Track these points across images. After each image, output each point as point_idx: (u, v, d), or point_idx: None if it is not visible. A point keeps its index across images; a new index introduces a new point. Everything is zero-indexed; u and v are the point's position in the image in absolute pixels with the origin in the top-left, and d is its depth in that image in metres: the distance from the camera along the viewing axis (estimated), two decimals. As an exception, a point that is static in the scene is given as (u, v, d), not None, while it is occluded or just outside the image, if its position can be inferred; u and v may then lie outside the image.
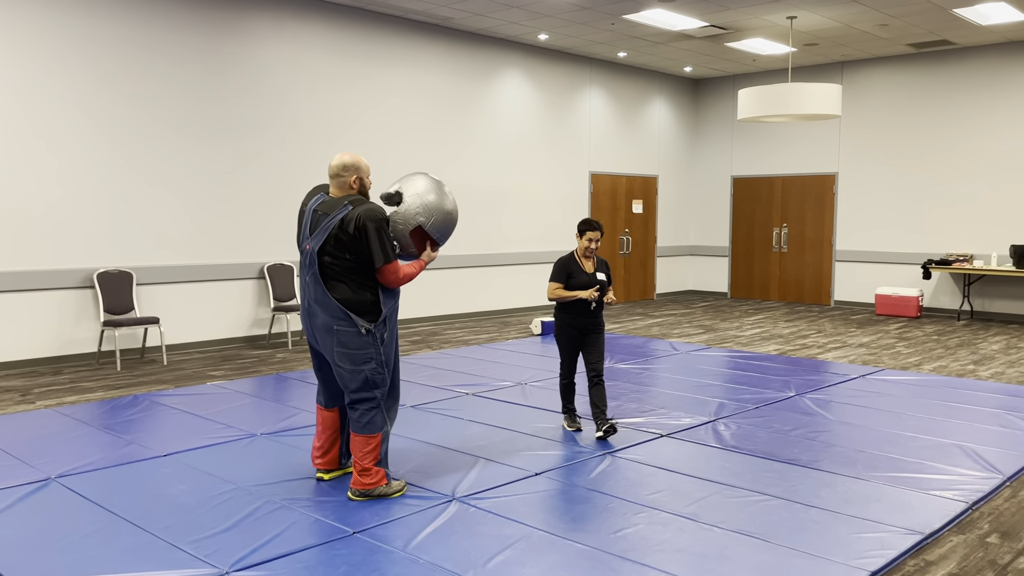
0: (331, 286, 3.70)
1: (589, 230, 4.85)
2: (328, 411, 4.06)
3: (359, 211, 3.64)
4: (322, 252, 3.68)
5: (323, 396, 4.05)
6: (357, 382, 3.75)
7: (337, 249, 3.65)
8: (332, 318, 3.70)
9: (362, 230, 3.61)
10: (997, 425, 5.23)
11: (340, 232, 3.63)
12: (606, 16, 9.27)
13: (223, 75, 8.08)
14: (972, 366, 7.42)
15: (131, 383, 6.52)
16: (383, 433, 3.85)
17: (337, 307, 3.68)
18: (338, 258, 3.67)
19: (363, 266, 3.70)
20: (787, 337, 9.11)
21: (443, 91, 9.97)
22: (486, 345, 8.29)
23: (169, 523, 3.53)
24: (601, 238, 4.94)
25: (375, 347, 3.75)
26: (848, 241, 12.00)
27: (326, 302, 3.70)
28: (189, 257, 7.94)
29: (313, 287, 3.74)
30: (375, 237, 3.62)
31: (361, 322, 3.69)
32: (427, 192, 3.79)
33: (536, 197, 11.18)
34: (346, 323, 3.69)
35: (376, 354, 3.76)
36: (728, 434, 4.97)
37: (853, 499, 3.86)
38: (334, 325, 3.70)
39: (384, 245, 3.64)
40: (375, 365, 3.76)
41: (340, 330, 3.70)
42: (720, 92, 13.29)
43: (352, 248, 3.64)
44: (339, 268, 3.68)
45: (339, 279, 3.69)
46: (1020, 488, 4.10)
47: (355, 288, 3.70)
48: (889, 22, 9.43)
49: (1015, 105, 10.46)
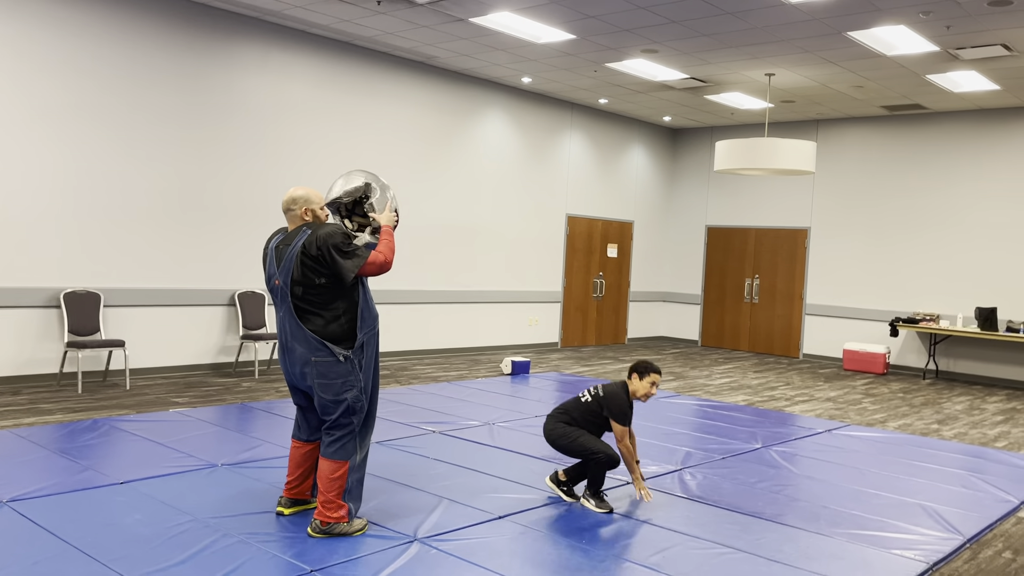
0: (305, 317, 3.70)
1: (656, 372, 4.31)
2: (307, 444, 4.00)
3: (318, 233, 3.67)
4: (293, 283, 3.68)
5: (304, 432, 3.99)
6: (339, 410, 3.74)
7: (306, 276, 3.65)
8: (309, 350, 3.70)
9: (323, 249, 3.63)
10: (959, 486, 5.27)
11: (304, 257, 3.64)
12: (589, 63, 9.42)
13: (204, 99, 8.07)
14: (936, 425, 7.50)
15: (92, 407, 6.38)
16: (352, 463, 3.81)
17: (313, 338, 3.68)
18: (309, 287, 3.66)
19: (336, 289, 3.70)
20: (756, 388, 9.17)
21: (425, 127, 10.04)
22: (455, 383, 8.24)
23: (121, 554, 3.44)
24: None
25: (355, 374, 3.75)
26: (818, 295, 12.16)
27: (301, 335, 3.70)
28: (159, 281, 7.85)
29: (288, 321, 3.74)
30: (339, 254, 3.65)
31: (338, 350, 3.69)
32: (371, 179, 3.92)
33: (512, 236, 11.23)
34: (323, 353, 3.69)
35: (356, 381, 3.76)
36: (694, 484, 4.97)
37: (815, 555, 3.86)
38: (312, 356, 3.70)
39: (349, 258, 3.67)
40: (356, 392, 3.76)
41: (318, 361, 3.69)
42: (698, 142, 13.51)
43: (320, 270, 3.65)
44: (312, 298, 3.68)
45: (313, 309, 3.69)
46: (979, 550, 4.13)
47: (330, 316, 3.70)
48: (864, 84, 9.68)
49: (984, 171, 10.73)
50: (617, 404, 4.35)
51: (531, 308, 11.59)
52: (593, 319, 12.58)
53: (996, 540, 4.30)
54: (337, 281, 3.70)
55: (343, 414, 3.74)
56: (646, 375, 4.34)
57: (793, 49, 8.36)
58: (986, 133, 10.72)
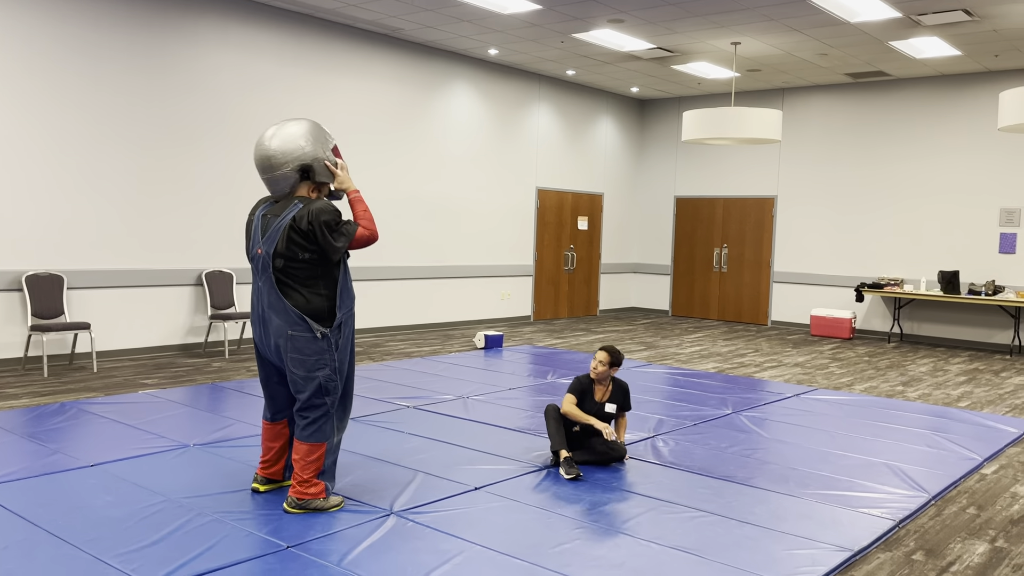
0: (286, 291, 3.64)
1: (601, 351, 4.63)
2: (275, 424, 3.96)
3: (311, 208, 3.60)
4: (276, 255, 3.62)
5: (269, 410, 3.95)
6: (310, 389, 3.67)
7: (290, 250, 3.59)
8: (287, 323, 3.64)
9: (315, 224, 3.57)
10: (924, 445, 5.39)
11: (292, 231, 3.58)
12: (556, 34, 9.36)
13: (165, 76, 7.91)
14: (901, 387, 7.65)
15: (58, 390, 6.29)
16: (329, 444, 3.79)
17: (292, 312, 3.62)
18: (293, 260, 3.61)
19: (319, 266, 3.65)
20: (725, 355, 9.28)
21: (391, 102, 9.93)
22: (429, 358, 8.24)
23: (94, 536, 3.41)
24: (612, 365, 4.62)
25: (330, 352, 3.69)
26: (785, 263, 12.30)
27: (281, 307, 3.63)
28: (124, 261, 7.73)
29: (267, 293, 3.67)
30: (329, 231, 3.59)
31: (316, 327, 3.64)
32: (306, 133, 3.68)
33: (483, 211, 11.19)
34: (301, 328, 3.63)
35: (331, 360, 3.70)
36: (667, 450, 5.03)
37: (785, 516, 3.93)
38: (288, 330, 3.63)
39: (338, 237, 3.61)
40: (329, 371, 3.69)
41: (295, 335, 3.63)
42: (665, 113, 13.53)
43: (307, 245, 3.59)
44: (294, 272, 3.62)
45: (294, 284, 3.64)
46: (944, 507, 4.24)
47: (310, 294, 3.65)
48: (828, 52, 9.73)
49: (946, 136, 10.88)
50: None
51: (503, 282, 11.59)
52: (565, 292, 12.62)
53: (960, 496, 4.42)
54: (322, 258, 3.64)
55: (315, 393, 3.69)
56: (595, 356, 4.71)
57: (758, 17, 8.37)
58: (948, 99, 10.85)
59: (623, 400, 4.78)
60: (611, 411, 4.68)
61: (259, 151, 3.71)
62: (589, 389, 4.68)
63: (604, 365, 4.62)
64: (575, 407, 4.60)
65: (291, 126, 3.71)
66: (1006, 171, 10.45)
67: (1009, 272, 10.44)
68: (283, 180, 3.69)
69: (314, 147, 3.70)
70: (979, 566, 3.47)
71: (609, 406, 4.68)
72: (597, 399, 4.69)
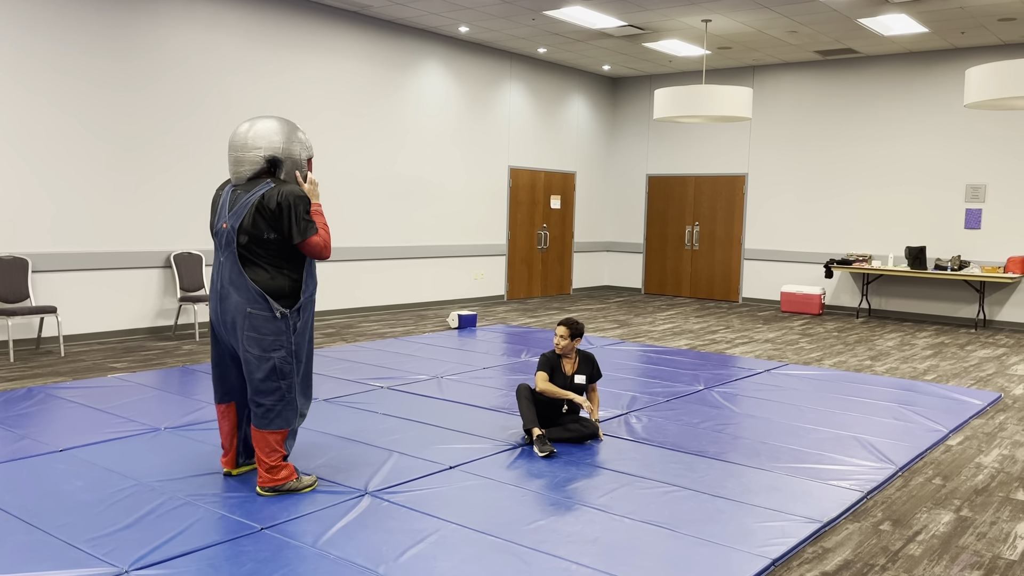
0: (249, 268, 3.60)
1: (560, 325, 4.64)
2: (224, 406, 3.89)
3: (282, 188, 3.59)
4: (241, 231, 3.58)
5: (219, 391, 3.88)
6: (264, 371, 3.62)
7: (256, 227, 3.56)
8: (246, 300, 3.60)
9: (284, 205, 3.55)
10: (891, 418, 5.49)
11: (260, 208, 3.56)
12: (527, 11, 9.30)
13: (129, 55, 7.75)
14: (869, 361, 7.77)
15: (25, 375, 6.20)
16: (292, 429, 3.76)
17: (253, 288, 3.58)
18: (256, 238, 3.58)
19: (282, 248, 3.61)
20: (697, 332, 9.35)
21: (361, 81, 9.82)
22: (402, 338, 8.22)
23: (65, 521, 3.37)
24: (572, 337, 4.65)
25: (287, 334, 3.65)
26: (756, 240, 12.40)
27: (242, 283, 3.59)
28: (90, 244, 7.60)
29: (229, 268, 3.62)
30: (295, 214, 3.57)
31: (276, 306, 3.60)
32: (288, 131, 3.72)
33: (455, 190, 11.14)
34: (261, 306, 3.59)
35: (287, 342, 3.65)
36: (640, 427, 5.07)
37: (756, 489, 3.99)
38: (248, 307, 3.59)
39: (303, 221, 3.59)
40: (284, 354, 3.65)
41: (253, 313, 3.59)
42: (637, 91, 13.52)
43: (273, 225, 3.56)
44: (257, 250, 3.59)
45: (257, 261, 3.61)
46: (911, 478, 4.32)
47: (273, 272, 3.62)
48: (798, 29, 9.77)
49: (913, 113, 10.99)
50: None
51: (476, 262, 11.57)
52: (538, 271, 12.63)
53: (926, 468, 4.51)
54: (284, 240, 3.61)
55: (268, 375, 3.62)
56: (555, 331, 4.77)
57: (729, -6, 8.37)
58: (915, 76, 10.95)
59: (591, 370, 4.80)
60: (581, 382, 4.71)
61: (238, 129, 3.73)
62: (557, 364, 4.71)
63: (565, 339, 4.65)
64: (549, 384, 4.62)
65: (275, 122, 3.73)
66: (972, 148, 10.59)
67: (974, 247, 10.61)
68: (248, 164, 3.67)
69: (287, 146, 3.70)
70: (944, 535, 3.55)
71: (579, 377, 4.72)
72: (567, 372, 4.71)
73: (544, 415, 4.68)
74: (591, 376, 4.81)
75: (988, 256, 10.51)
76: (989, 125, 10.46)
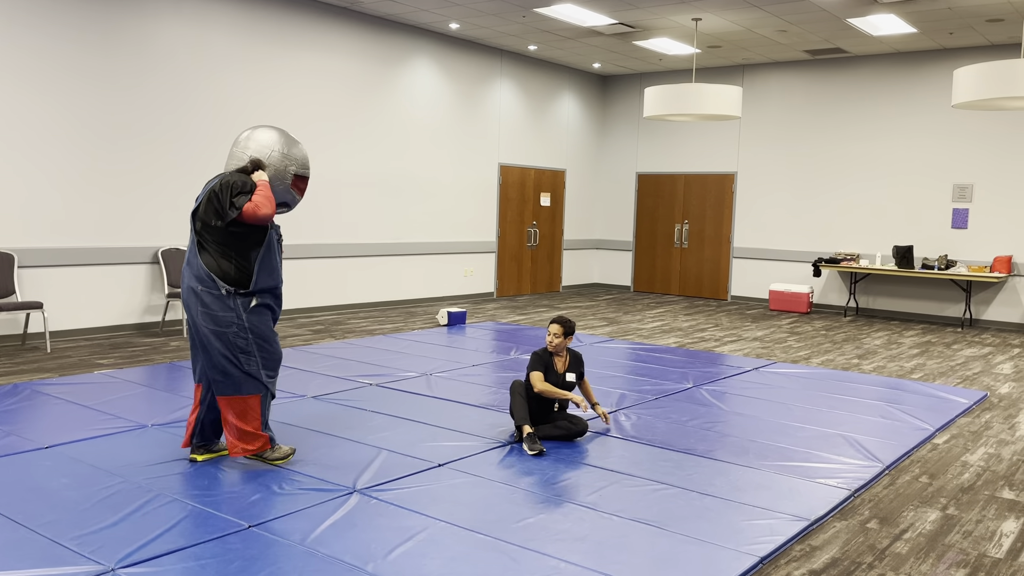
0: (200, 251, 3.93)
1: (553, 323, 4.65)
2: (198, 384, 4.10)
3: (224, 176, 3.93)
4: (196, 217, 3.93)
5: (195, 371, 4.10)
6: (219, 345, 3.90)
7: (207, 214, 3.89)
8: (196, 279, 3.91)
9: (216, 189, 3.88)
10: (878, 416, 5.52)
11: (210, 197, 3.89)
12: (517, 8, 9.28)
13: (117, 50, 7.69)
14: (856, 360, 7.81)
15: (11, 371, 6.15)
16: (263, 398, 3.98)
17: (202, 269, 3.89)
18: (206, 224, 3.89)
19: (228, 236, 3.89)
20: (686, 330, 9.38)
21: (351, 77, 9.78)
22: (391, 335, 8.21)
23: (50, 518, 3.35)
24: (566, 335, 4.66)
25: (236, 312, 3.91)
26: (745, 239, 12.44)
27: (195, 264, 3.92)
28: (77, 239, 7.55)
29: (188, 251, 3.98)
30: (226, 194, 3.85)
31: (223, 284, 3.89)
32: (283, 144, 4.09)
33: (445, 187, 11.12)
34: (208, 285, 3.89)
35: (237, 319, 3.91)
36: (629, 424, 5.08)
37: (744, 487, 4.00)
38: (199, 286, 3.90)
39: (227, 200, 3.85)
40: (236, 329, 3.91)
41: (203, 291, 3.90)
42: (627, 89, 13.53)
43: (217, 212, 3.87)
44: (207, 235, 3.91)
45: (206, 247, 3.93)
46: (898, 476, 4.35)
47: (220, 257, 3.91)
48: (788, 28, 9.80)
49: (901, 113, 11.04)
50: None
51: (466, 259, 11.56)
52: (528, 268, 12.63)
53: (913, 466, 4.53)
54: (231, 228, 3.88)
55: (225, 349, 3.87)
56: (548, 330, 4.75)
57: (719, -7, 8.38)
58: (903, 76, 11.00)
59: (581, 368, 4.84)
60: (572, 380, 4.74)
61: (243, 130, 4.26)
62: (550, 363, 4.71)
63: (559, 337, 4.67)
64: (548, 384, 4.62)
65: (275, 132, 4.10)
66: (959, 148, 10.65)
67: (961, 247, 10.68)
68: (236, 160, 4.07)
69: (275, 156, 4.04)
70: (931, 533, 3.57)
71: (570, 375, 4.74)
72: (559, 371, 4.72)
73: (535, 412, 4.69)
74: (580, 374, 4.83)
75: (975, 255, 10.58)
76: (977, 125, 10.52)
